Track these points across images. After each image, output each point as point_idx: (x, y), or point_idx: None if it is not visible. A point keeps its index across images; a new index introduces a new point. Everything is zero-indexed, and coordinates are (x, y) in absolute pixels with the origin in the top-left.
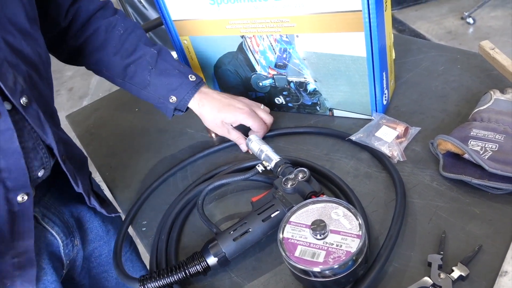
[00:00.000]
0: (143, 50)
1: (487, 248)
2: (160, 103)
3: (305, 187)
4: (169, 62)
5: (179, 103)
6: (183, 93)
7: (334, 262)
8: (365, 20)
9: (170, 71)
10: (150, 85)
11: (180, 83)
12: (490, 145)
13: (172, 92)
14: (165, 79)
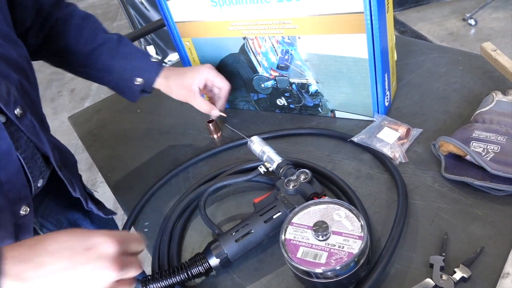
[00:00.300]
0: (103, 37)
1: (489, 250)
2: (125, 87)
3: (307, 189)
4: (130, 47)
5: (145, 84)
6: (148, 74)
7: (336, 263)
8: (367, 22)
9: (133, 55)
10: (114, 70)
11: (145, 64)
12: (492, 146)
13: (137, 74)
14: (129, 62)
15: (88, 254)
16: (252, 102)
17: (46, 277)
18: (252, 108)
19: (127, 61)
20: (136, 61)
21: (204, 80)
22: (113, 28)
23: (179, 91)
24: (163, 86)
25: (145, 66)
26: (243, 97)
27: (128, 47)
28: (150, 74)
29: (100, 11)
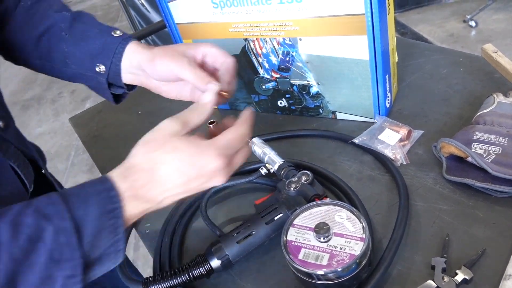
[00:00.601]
0: (54, 17)
1: (491, 252)
2: (91, 80)
3: (309, 190)
4: (86, 23)
5: (109, 71)
6: (109, 55)
7: (338, 265)
8: (368, 23)
9: (89, 32)
10: (69, 57)
11: (102, 43)
12: (493, 148)
13: (96, 59)
14: (83, 44)
15: (201, 179)
16: (253, 103)
17: (163, 204)
18: (253, 109)
19: (82, 43)
20: (92, 40)
21: (202, 52)
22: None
23: (164, 62)
24: (145, 62)
25: (103, 45)
26: (244, 99)
27: (84, 24)
28: (112, 57)
29: (101, 12)
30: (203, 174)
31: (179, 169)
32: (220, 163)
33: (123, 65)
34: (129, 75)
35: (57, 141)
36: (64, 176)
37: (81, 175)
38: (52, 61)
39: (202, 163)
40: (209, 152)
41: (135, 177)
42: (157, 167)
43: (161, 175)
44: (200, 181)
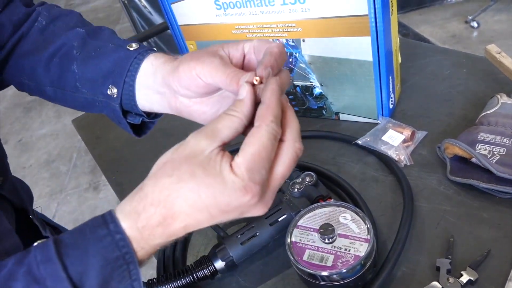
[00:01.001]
0: (67, 35)
1: (496, 253)
2: (104, 108)
3: (312, 191)
4: (101, 39)
5: (123, 93)
6: (122, 73)
7: (343, 266)
8: (372, 24)
9: (102, 49)
10: (80, 79)
11: (115, 59)
12: (497, 149)
13: (108, 79)
14: (96, 62)
15: (230, 215)
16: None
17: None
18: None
19: (93, 60)
20: (105, 57)
21: (242, 48)
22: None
23: (189, 66)
24: (169, 75)
25: (116, 62)
26: None
27: (98, 40)
28: (124, 77)
29: (103, 14)
30: (229, 211)
31: (197, 206)
32: (249, 199)
33: (141, 86)
34: (155, 96)
35: (59, 143)
36: (67, 178)
37: (83, 177)
38: (64, 87)
39: (226, 199)
40: (232, 185)
41: (149, 213)
42: (171, 201)
43: (177, 211)
44: (230, 216)
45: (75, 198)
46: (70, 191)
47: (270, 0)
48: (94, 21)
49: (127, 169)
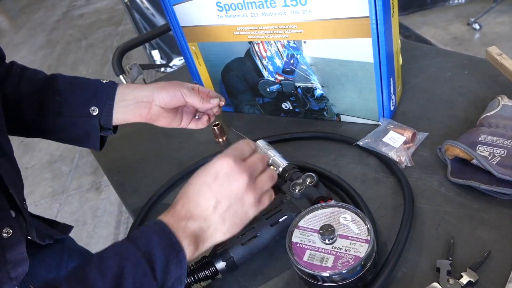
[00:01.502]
0: (44, 76)
1: (496, 254)
2: (82, 126)
3: (313, 192)
4: (73, 78)
5: (102, 111)
6: (102, 98)
7: (343, 266)
8: (373, 26)
9: (80, 82)
10: (64, 105)
11: (95, 89)
12: (498, 150)
13: (90, 102)
14: (78, 91)
15: (231, 199)
16: (257, 106)
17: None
18: (258, 112)
19: (76, 90)
20: (85, 87)
21: (191, 85)
22: (118, 33)
23: (176, 89)
24: (146, 97)
25: (96, 90)
26: (249, 101)
27: (71, 78)
28: (105, 99)
29: (106, 15)
30: (230, 193)
31: (203, 193)
32: (227, 160)
33: (119, 102)
34: (130, 107)
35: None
36: (69, 179)
37: (85, 178)
38: (44, 115)
39: (213, 167)
40: (216, 159)
41: (178, 208)
42: (186, 190)
43: (190, 193)
44: (233, 202)
45: (76, 198)
46: (72, 191)
47: (271, 2)
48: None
49: (128, 170)
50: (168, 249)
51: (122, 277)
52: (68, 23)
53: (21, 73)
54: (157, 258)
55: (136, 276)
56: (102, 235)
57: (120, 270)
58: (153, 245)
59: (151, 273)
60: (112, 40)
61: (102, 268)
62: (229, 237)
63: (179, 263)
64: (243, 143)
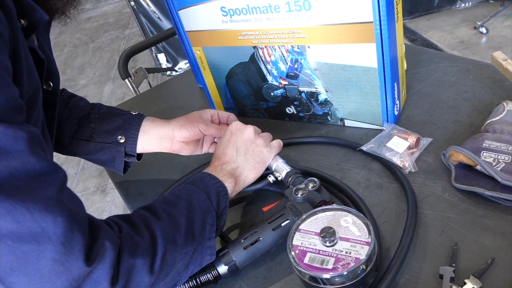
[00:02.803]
0: (84, 104)
1: (500, 261)
2: (109, 151)
3: (315, 197)
4: (109, 108)
5: (127, 140)
6: (129, 128)
7: (343, 269)
8: (377, 31)
9: (112, 112)
10: (95, 132)
11: (124, 119)
12: (503, 156)
13: (118, 132)
14: (109, 121)
15: (247, 143)
16: (261, 110)
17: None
18: (262, 116)
19: (107, 119)
20: (115, 117)
21: (210, 114)
22: (125, 36)
23: (194, 126)
24: (168, 133)
25: (125, 121)
26: (253, 105)
27: (106, 108)
28: (131, 129)
29: (113, 19)
30: (244, 140)
31: (226, 145)
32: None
33: (141, 136)
34: (155, 141)
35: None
36: (75, 181)
37: (91, 180)
38: (78, 138)
39: (237, 133)
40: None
41: (212, 162)
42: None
43: (219, 154)
44: (248, 145)
45: (82, 201)
46: (77, 194)
47: (275, 7)
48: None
49: (133, 173)
50: (216, 185)
51: (191, 200)
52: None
53: (67, 100)
54: (211, 191)
55: (199, 201)
56: None
57: (189, 197)
58: (206, 184)
59: (209, 200)
60: (119, 44)
61: (177, 195)
62: (256, 173)
63: (224, 195)
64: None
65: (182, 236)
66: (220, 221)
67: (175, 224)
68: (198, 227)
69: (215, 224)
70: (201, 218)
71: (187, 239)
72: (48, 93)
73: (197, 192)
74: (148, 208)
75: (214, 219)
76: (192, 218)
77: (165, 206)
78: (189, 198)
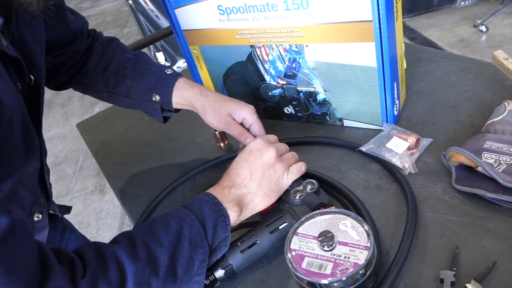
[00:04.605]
0: (120, 58)
1: (502, 265)
2: (147, 107)
3: (314, 199)
4: (144, 62)
5: (163, 100)
6: (163, 88)
7: (342, 274)
8: (376, 30)
9: (146, 71)
10: (132, 90)
11: (157, 78)
12: (504, 158)
13: (152, 91)
14: (143, 80)
15: (264, 168)
16: (259, 110)
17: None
18: (260, 116)
19: (141, 79)
20: (149, 76)
21: (243, 118)
22: (123, 35)
23: (212, 115)
24: (197, 102)
25: (158, 81)
26: None
27: (142, 63)
28: (165, 90)
29: (111, 17)
30: (263, 163)
31: (241, 166)
32: (273, 151)
33: (174, 97)
34: (179, 104)
35: (66, 145)
36: (73, 180)
37: (89, 179)
38: (117, 93)
39: (256, 154)
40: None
41: (223, 180)
42: (229, 170)
43: (231, 170)
44: (266, 170)
45: (80, 200)
46: (76, 193)
47: (273, 6)
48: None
49: (130, 174)
50: (216, 214)
51: (181, 233)
52: None
53: (103, 50)
54: (208, 221)
55: (191, 234)
56: (106, 238)
57: (180, 228)
58: (204, 211)
59: (203, 233)
60: None
61: (165, 225)
62: (268, 202)
63: (225, 226)
64: (268, 135)
65: (160, 279)
66: (214, 256)
67: (154, 265)
68: (184, 265)
69: (206, 260)
70: (189, 255)
71: (166, 281)
72: (30, 87)
73: (191, 221)
74: (129, 240)
75: (206, 255)
76: (177, 256)
77: (148, 240)
78: (179, 231)
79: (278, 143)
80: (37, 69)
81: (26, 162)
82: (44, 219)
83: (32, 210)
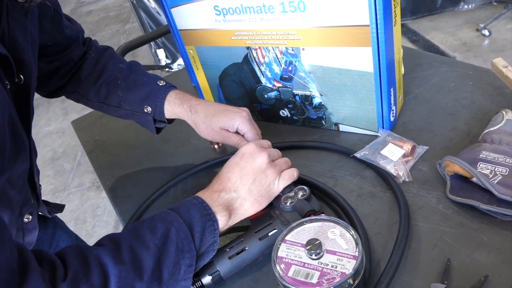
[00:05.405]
0: (112, 68)
1: (494, 278)
2: (139, 118)
3: (304, 206)
4: (137, 73)
5: (155, 111)
6: (155, 100)
7: (328, 283)
8: (373, 35)
9: (138, 82)
10: (123, 100)
11: (150, 90)
12: (500, 169)
13: (144, 102)
14: (135, 91)
15: (256, 173)
16: (255, 112)
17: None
18: (255, 118)
19: (134, 90)
20: (142, 88)
21: (236, 127)
22: (125, 31)
23: (205, 132)
24: (188, 118)
25: (150, 92)
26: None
27: (135, 74)
28: (157, 102)
29: (114, 13)
30: (254, 168)
31: (232, 169)
32: (265, 156)
33: (166, 110)
34: (171, 116)
35: (65, 141)
36: (70, 176)
37: (86, 175)
38: (108, 104)
39: (248, 158)
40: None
41: (213, 184)
42: (220, 174)
43: (222, 174)
44: (257, 175)
45: (77, 196)
46: (73, 189)
47: (270, 7)
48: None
49: (121, 174)
50: (204, 218)
51: (168, 236)
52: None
53: (95, 59)
54: (195, 225)
55: (178, 237)
56: (101, 234)
57: (167, 231)
58: (192, 215)
59: (191, 237)
60: (119, 38)
61: (152, 228)
62: (258, 208)
63: (213, 231)
64: (262, 140)
65: (144, 283)
66: (201, 261)
67: (138, 268)
68: (170, 270)
69: (193, 265)
70: (175, 260)
71: (150, 285)
72: (19, 87)
73: (178, 225)
74: (113, 243)
75: (193, 259)
76: (162, 260)
77: (134, 243)
78: (165, 234)
79: (271, 148)
80: (27, 68)
81: (14, 163)
82: (34, 220)
83: (22, 211)
